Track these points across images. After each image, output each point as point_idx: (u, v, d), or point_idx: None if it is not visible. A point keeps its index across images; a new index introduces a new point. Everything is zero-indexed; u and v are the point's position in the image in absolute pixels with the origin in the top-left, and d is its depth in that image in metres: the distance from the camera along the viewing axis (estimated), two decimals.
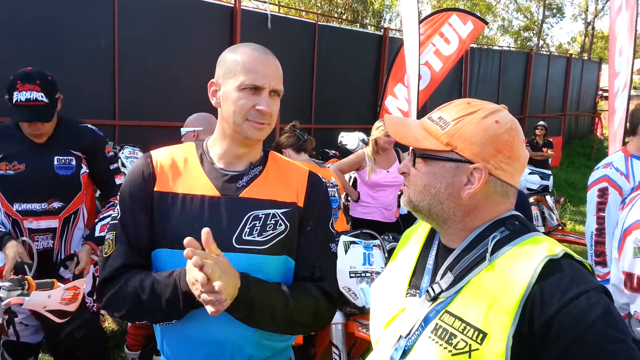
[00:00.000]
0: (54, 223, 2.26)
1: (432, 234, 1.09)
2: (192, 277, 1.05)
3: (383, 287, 1.12)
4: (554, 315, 0.81)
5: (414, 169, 1.01)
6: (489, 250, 0.91)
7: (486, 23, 7.60)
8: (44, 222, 2.24)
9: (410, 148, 1.03)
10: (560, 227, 5.13)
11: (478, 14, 26.73)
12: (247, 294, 1.12)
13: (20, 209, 2.19)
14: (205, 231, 1.05)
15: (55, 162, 2.22)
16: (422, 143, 0.98)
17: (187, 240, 1.04)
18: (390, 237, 3.16)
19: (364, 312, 2.33)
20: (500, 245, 0.92)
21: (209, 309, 1.03)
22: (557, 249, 0.88)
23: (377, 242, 2.75)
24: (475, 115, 0.95)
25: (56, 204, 2.25)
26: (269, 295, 1.17)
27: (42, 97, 2.09)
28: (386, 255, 2.72)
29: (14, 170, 2.16)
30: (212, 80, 1.28)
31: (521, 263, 0.87)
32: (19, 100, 2.07)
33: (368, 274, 2.55)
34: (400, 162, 4.03)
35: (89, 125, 2.40)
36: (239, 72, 1.20)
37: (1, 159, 2.16)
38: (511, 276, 0.86)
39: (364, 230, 2.91)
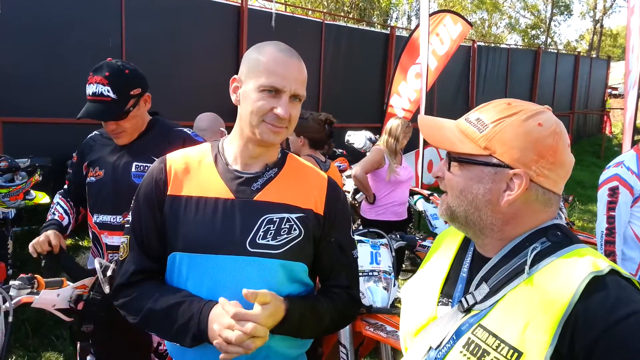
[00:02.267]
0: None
1: (467, 239, 1.03)
2: (224, 333, 1.07)
3: (414, 292, 1.07)
4: (599, 338, 0.75)
5: (449, 173, 0.95)
6: (528, 262, 0.85)
7: (471, 26, 7.96)
8: (117, 237, 1.90)
9: (443, 151, 0.97)
10: (569, 226, 5.09)
11: (485, 12, 26.76)
12: (292, 323, 1.16)
13: (98, 220, 1.94)
14: (244, 293, 1.07)
15: (133, 169, 1.90)
16: (458, 147, 0.92)
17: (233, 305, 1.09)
18: (398, 236, 3.15)
19: (371, 311, 2.32)
20: (540, 257, 0.86)
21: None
22: (603, 265, 0.82)
23: (384, 240, 2.74)
24: (516, 117, 0.89)
25: None
26: (310, 319, 1.21)
27: (108, 91, 1.81)
28: (393, 254, 2.71)
29: (96, 177, 1.94)
30: (235, 76, 1.25)
31: (563, 278, 0.81)
32: (88, 94, 1.84)
33: (375, 273, 2.54)
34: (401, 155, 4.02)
35: (185, 130, 2.05)
36: (260, 73, 1.17)
37: (89, 164, 1.98)
38: (552, 292, 0.81)
39: (371, 229, 2.90)
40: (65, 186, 2.17)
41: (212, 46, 6.35)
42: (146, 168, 1.90)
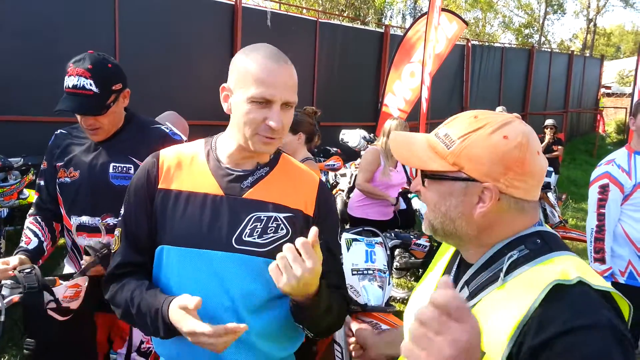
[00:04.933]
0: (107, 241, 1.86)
1: None
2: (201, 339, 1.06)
3: (416, 295, 1.12)
4: (546, 342, 0.76)
5: (423, 188, 0.98)
6: (504, 270, 0.88)
7: (467, 24, 7.83)
8: (96, 239, 1.88)
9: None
10: (562, 224, 5.13)
11: (479, 10, 26.82)
12: (322, 299, 1.14)
13: (75, 222, 1.90)
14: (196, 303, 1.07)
15: (111, 170, 1.85)
16: (428, 165, 0.94)
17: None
18: (392, 234, 3.17)
19: (366, 309, 2.33)
20: (516, 265, 0.88)
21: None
22: (573, 274, 0.81)
23: (379, 239, 2.75)
24: (482, 130, 0.90)
25: (110, 220, 1.86)
26: (330, 302, 1.20)
27: (90, 85, 1.75)
28: (388, 252, 2.73)
29: (70, 177, 1.89)
30: (224, 84, 1.24)
31: (530, 285, 0.83)
32: (67, 86, 1.77)
33: (370, 272, 2.55)
34: None
35: (163, 127, 2.01)
36: (250, 83, 1.15)
37: (62, 165, 1.91)
38: (518, 298, 0.83)
39: (366, 228, 2.91)
40: (35, 198, 2.03)
41: (207, 45, 6.34)
42: (124, 169, 1.86)
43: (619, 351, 0.74)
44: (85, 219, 1.89)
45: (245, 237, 1.19)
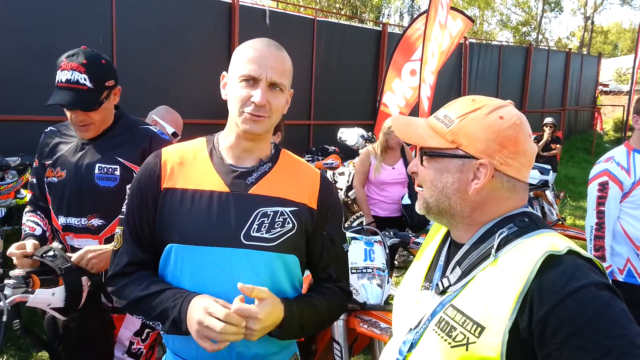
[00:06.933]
0: (93, 243, 1.85)
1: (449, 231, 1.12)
2: (208, 320, 1.09)
3: (406, 280, 1.16)
4: (551, 310, 0.80)
5: (421, 167, 1.03)
6: (495, 246, 0.92)
7: (473, 21, 7.74)
8: (82, 240, 1.87)
9: (418, 147, 1.04)
10: (560, 222, 5.13)
11: (477, 8, 26.78)
12: (293, 322, 1.20)
13: (62, 222, 1.89)
14: (240, 287, 1.09)
15: (96, 171, 1.83)
16: (427, 142, 1.00)
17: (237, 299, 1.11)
18: (391, 233, 3.16)
19: (365, 308, 2.33)
20: (506, 241, 0.93)
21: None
22: (561, 245, 0.87)
23: (378, 238, 2.75)
24: (479, 111, 0.96)
25: (95, 221, 1.86)
26: (310, 314, 1.26)
27: (84, 80, 1.74)
28: (387, 251, 2.72)
29: (57, 177, 1.88)
30: (224, 72, 1.30)
31: (523, 258, 0.87)
32: (59, 80, 1.76)
33: (369, 270, 2.55)
34: (405, 158, 4.04)
35: (152, 128, 1.97)
36: (239, 64, 1.21)
37: (50, 164, 1.91)
38: (512, 271, 0.87)
39: (364, 226, 2.92)
40: (29, 196, 2.04)
41: (204, 43, 6.32)
42: (110, 169, 1.84)
43: (615, 300, 0.82)
44: (71, 219, 1.88)
45: (253, 232, 1.22)
